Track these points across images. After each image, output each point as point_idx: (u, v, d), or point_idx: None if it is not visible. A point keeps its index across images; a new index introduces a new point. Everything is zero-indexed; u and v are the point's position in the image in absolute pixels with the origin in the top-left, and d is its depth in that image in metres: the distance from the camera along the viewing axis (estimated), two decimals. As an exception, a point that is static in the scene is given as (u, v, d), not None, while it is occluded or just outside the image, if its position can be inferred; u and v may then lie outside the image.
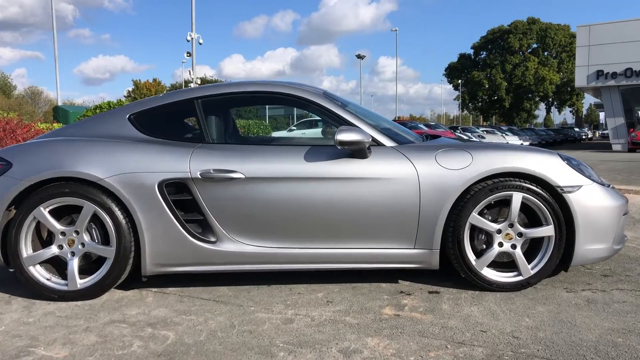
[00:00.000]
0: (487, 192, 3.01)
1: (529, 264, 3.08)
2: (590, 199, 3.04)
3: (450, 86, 66.27)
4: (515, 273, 3.11)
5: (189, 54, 23.56)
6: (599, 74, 26.39)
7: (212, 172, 2.99)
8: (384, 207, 3.01)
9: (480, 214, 3.10)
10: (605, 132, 44.62)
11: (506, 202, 3.10)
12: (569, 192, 3.01)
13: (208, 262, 3.05)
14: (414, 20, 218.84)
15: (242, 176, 2.99)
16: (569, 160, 3.12)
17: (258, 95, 3.36)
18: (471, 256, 3.08)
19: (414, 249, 3.06)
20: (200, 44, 24.39)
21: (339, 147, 2.95)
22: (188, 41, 23.86)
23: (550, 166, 3.04)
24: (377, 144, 3.11)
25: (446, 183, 2.99)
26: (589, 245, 3.05)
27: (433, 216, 3.00)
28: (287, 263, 3.08)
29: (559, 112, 67.55)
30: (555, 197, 3.04)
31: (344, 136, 2.90)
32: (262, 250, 3.06)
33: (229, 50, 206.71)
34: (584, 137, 47.20)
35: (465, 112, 74.56)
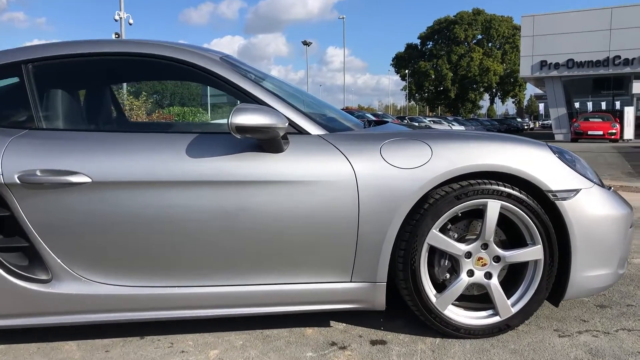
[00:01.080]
0: (453, 200, 2.11)
1: (508, 299, 2.21)
2: (590, 208, 2.19)
3: (397, 77, 66.45)
4: (489, 312, 2.23)
5: (118, 35, 21.74)
6: (543, 64, 26.51)
7: (38, 174, 1.94)
8: (306, 224, 2.05)
9: (443, 230, 2.20)
10: (546, 122, 45.68)
11: (478, 214, 2.22)
12: (564, 198, 2.15)
13: (37, 311, 2.01)
14: (362, 10, 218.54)
15: (88, 180, 1.96)
16: (561, 154, 2.26)
17: (115, 59, 2.27)
18: (430, 291, 2.18)
19: (351, 282, 2.13)
20: (130, 24, 22.59)
21: (237, 136, 1.96)
22: (116, 21, 22.02)
23: (538, 163, 2.17)
24: (298, 131, 2.15)
25: (396, 187, 2.07)
26: (588, 272, 2.21)
27: (377, 235, 2.08)
28: (162, 309, 2.08)
29: (502, 102, 68.95)
30: (545, 206, 2.18)
31: (244, 119, 1.92)
32: (124, 291, 2.04)
33: (175, 36, 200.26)
34: (526, 127, 48.03)
35: (412, 102, 74.94)
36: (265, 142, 2.03)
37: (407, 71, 62.08)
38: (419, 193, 2.08)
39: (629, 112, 23.75)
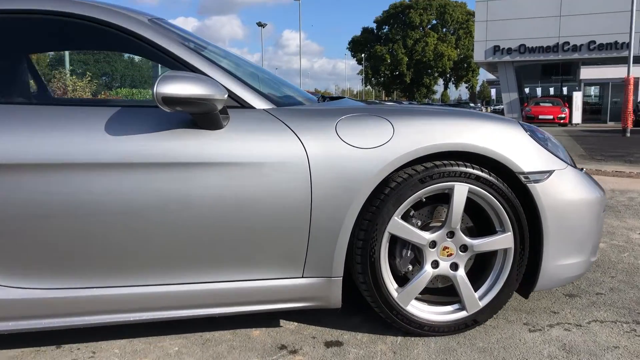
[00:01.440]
0: (417, 183, 1.88)
1: (475, 292, 2.01)
2: (564, 191, 2.00)
3: (354, 61, 66.32)
4: (455, 306, 2.02)
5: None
6: (496, 49, 26.88)
7: None
8: (250, 212, 1.77)
9: (405, 217, 1.98)
10: (497, 107, 46.62)
11: (443, 199, 2.01)
12: (537, 181, 1.95)
13: None
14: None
15: (-20, 162, 1.62)
16: (533, 133, 2.07)
17: (15, 17, 1.86)
18: (391, 285, 1.95)
19: (303, 277, 1.88)
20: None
21: (165, 109, 1.65)
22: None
23: (509, 142, 1.96)
24: (240, 104, 1.86)
25: (354, 170, 1.82)
26: (561, 260, 2.03)
27: (332, 224, 1.82)
28: (81, 314, 1.76)
29: (456, 88, 70.04)
30: (516, 190, 1.98)
31: (173, 88, 1.61)
32: (34, 294, 1.72)
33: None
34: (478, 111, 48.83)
35: (369, 87, 75.13)
36: (201, 116, 1.73)
37: (363, 55, 62.02)
38: (380, 176, 1.84)
39: (577, 97, 24.44)
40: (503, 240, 1.98)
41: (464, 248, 1.98)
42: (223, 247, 1.79)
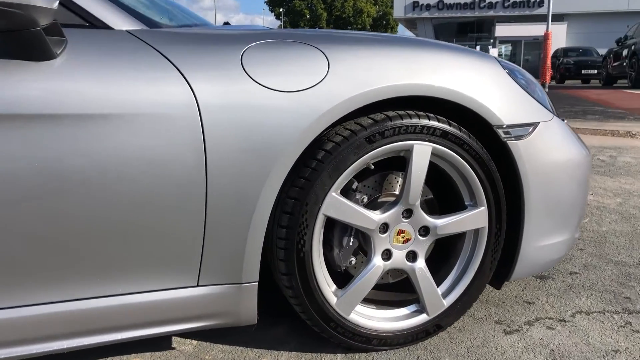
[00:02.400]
0: (363, 143, 1.30)
1: (438, 288, 1.50)
2: (550, 150, 1.51)
3: (272, 17, 64.27)
4: (412, 308, 1.51)
5: None
6: (415, 5, 26.72)
7: None
8: (104, 196, 1.12)
9: (345, 192, 1.41)
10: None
11: (395, 164, 1.46)
12: (519, 137, 1.45)
13: None
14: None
15: None
16: (511, 72, 1.54)
17: None
18: (327, 287, 1.39)
19: (198, 286, 1.27)
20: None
21: None
22: None
23: (486, 84, 1.43)
24: (88, 22, 1.17)
25: (271, 125, 1.21)
26: (543, 240, 1.55)
27: (240, 206, 1.22)
28: None
29: (375, 45, 70.02)
30: (492, 150, 1.46)
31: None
32: None
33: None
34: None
35: (288, 43, 73.25)
36: (14, 39, 1.04)
37: (281, 10, 60.17)
38: (310, 134, 1.24)
39: (493, 54, 24.90)
40: (475, 218, 1.46)
41: (425, 231, 1.45)
42: (66, 248, 1.13)
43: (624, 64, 13.04)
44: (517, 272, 1.56)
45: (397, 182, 1.48)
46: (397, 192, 1.46)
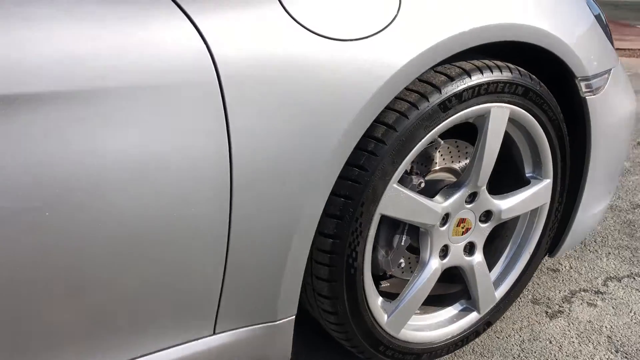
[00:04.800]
0: (436, 111, 0.91)
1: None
2: (617, 104, 1.24)
3: None
4: (459, 307, 1.21)
5: None
6: None
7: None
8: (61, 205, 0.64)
9: (402, 179, 1.02)
10: None
11: (455, 133, 1.09)
12: (595, 90, 1.14)
13: None
14: None
15: None
16: (589, 2, 1.19)
17: None
18: (377, 305, 1.03)
19: (215, 334, 0.85)
20: None
21: None
22: None
23: (572, 23, 1.08)
24: None
25: (326, 91, 0.77)
26: (594, 207, 1.32)
27: (280, 217, 0.80)
28: None
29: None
30: (566, 108, 1.15)
31: None
32: None
33: None
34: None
35: None
36: None
37: None
38: (377, 103, 0.82)
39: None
40: (542, 193, 1.17)
41: (486, 216, 1.13)
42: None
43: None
44: (564, 246, 1.32)
45: (446, 151, 1.12)
46: (453, 166, 1.11)
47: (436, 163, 1.11)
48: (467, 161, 1.13)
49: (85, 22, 0.63)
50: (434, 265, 1.07)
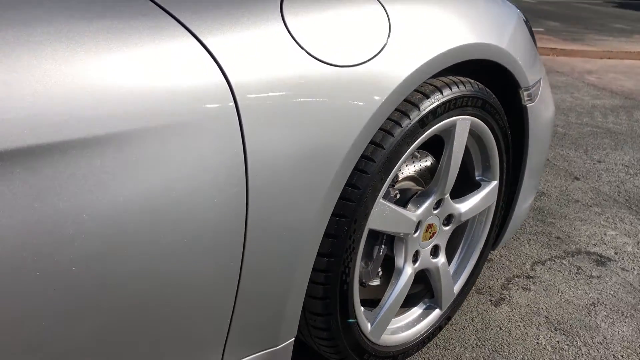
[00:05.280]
0: (416, 127, 0.96)
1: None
2: (543, 108, 1.38)
3: None
4: (423, 306, 1.28)
5: None
6: None
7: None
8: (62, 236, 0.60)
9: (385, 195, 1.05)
10: None
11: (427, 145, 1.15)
12: (532, 98, 1.26)
13: None
14: None
15: None
16: (526, 19, 1.31)
17: None
18: (363, 318, 1.06)
19: (222, 367, 0.83)
20: None
21: None
22: None
23: (517, 39, 1.18)
24: None
25: (334, 116, 0.78)
26: (527, 201, 1.47)
27: (291, 236, 0.79)
28: None
29: None
30: (510, 115, 1.26)
31: None
32: None
33: None
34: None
35: None
36: None
37: None
38: (373, 125, 0.85)
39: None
40: (490, 194, 1.27)
41: (448, 220, 1.20)
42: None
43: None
44: (505, 238, 1.45)
45: (410, 161, 1.17)
46: (414, 175, 1.17)
47: (402, 173, 1.16)
48: (424, 168, 1.20)
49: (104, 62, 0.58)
50: (409, 270, 1.12)
